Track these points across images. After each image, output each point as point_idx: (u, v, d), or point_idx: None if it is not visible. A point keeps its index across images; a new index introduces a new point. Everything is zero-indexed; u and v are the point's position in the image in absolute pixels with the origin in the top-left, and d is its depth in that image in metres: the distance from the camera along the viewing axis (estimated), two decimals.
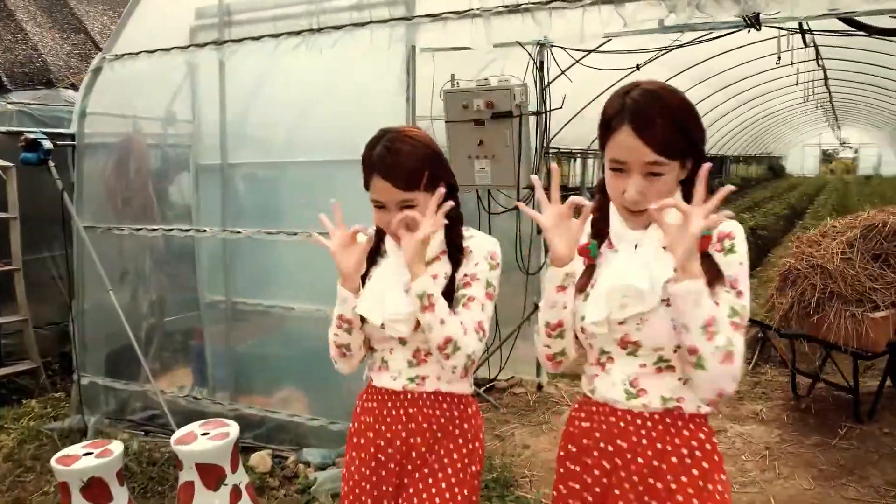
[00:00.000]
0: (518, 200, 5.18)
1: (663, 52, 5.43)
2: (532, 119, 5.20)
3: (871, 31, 4.39)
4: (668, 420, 1.70)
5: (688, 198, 1.60)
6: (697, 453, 1.69)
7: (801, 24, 5.26)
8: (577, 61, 5.31)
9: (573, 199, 1.70)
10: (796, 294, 4.67)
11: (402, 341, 2.01)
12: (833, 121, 24.31)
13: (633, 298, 1.66)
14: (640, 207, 1.64)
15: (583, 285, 1.77)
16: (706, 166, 1.56)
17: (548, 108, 5.27)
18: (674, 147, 1.60)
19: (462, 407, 2.06)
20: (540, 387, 5.52)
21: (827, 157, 39.44)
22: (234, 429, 3.59)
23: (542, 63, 5.24)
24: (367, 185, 1.93)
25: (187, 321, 4.83)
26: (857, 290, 4.41)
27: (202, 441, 3.46)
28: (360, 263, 1.97)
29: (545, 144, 5.28)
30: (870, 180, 31.55)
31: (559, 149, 7.11)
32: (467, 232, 2.03)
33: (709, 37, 5.17)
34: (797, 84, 14.09)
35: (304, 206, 4.01)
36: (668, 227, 1.55)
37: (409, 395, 2.03)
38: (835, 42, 9.88)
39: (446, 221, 1.92)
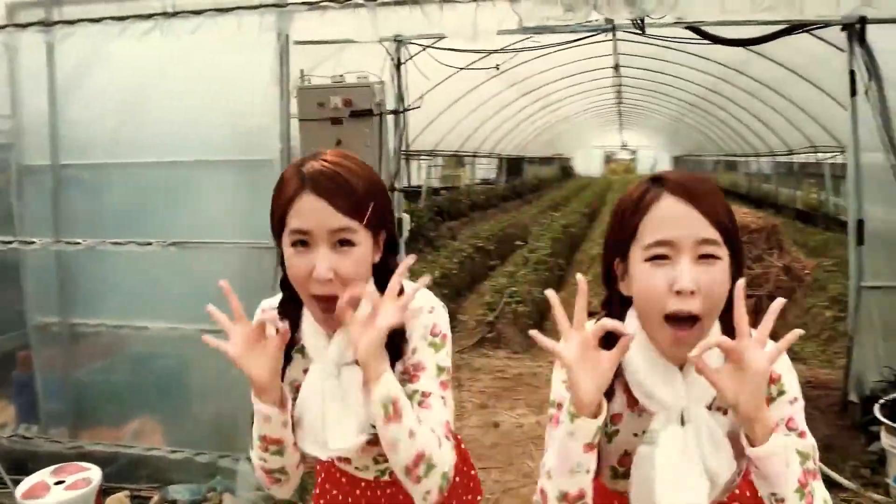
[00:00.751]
0: None
1: (517, 52, 5.44)
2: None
3: (716, 40, 4.63)
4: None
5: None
6: None
7: (613, 31, 5.44)
8: (424, 48, 5.17)
9: (605, 323, 1.26)
10: None
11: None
12: (620, 124, 26.30)
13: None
14: (692, 307, 1.25)
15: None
16: (741, 282, 1.26)
17: (406, 107, 5.11)
18: (726, 226, 1.28)
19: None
20: None
21: (609, 158, 42.51)
22: (94, 473, 3.13)
23: (398, 60, 5.07)
24: (281, 216, 1.41)
25: (7, 346, 4.14)
26: None
27: (57, 492, 2.96)
28: (276, 365, 1.40)
29: (405, 145, 5.13)
30: None
31: (420, 151, 6.94)
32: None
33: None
34: (610, 87, 15.06)
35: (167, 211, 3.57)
36: (719, 377, 1.23)
37: (382, 482, 1.68)
38: (628, 50, 10.65)
39: (416, 309, 1.44)
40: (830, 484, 3.80)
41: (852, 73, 4.49)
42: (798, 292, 4.90)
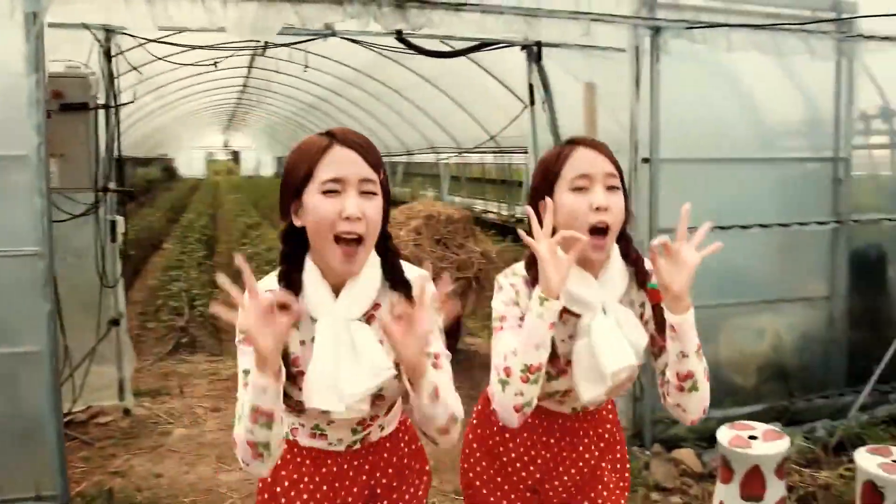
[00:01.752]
0: (95, 204, 4.57)
1: (236, 54, 5.36)
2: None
3: (421, 51, 5.13)
4: (600, 409, 1.99)
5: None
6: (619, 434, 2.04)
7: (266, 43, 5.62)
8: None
9: (565, 233, 1.67)
10: None
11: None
12: (229, 124, 26.17)
13: (629, 371, 1.78)
14: (606, 219, 1.72)
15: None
16: (687, 206, 1.70)
17: (118, 102, 4.75)
18: (620, 169, 1.78)
19: (410, 429, 1.89)
20: (127, 411, 4.95)
21: (211, 159, 41.64)
22: None
23: (109, 51, 4.67)
24: (308, 170, 1.54)
25: None
26: (431, 270, 5.18)
27: None
28: (282, 339, 1.46)
29: (115, 143, 4.74)
30: (252, 179, 34.66)
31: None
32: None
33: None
34: (235, 87, 14.91)
35: None
36: (660, 266, 1.67)
37: (350, 453, 1.76)
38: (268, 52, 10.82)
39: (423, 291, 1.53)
40: None
41: (531, 87, 5.39)
42: (492, 274, 5.69)
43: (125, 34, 4.62)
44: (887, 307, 5.13)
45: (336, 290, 1.61)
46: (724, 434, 3.53)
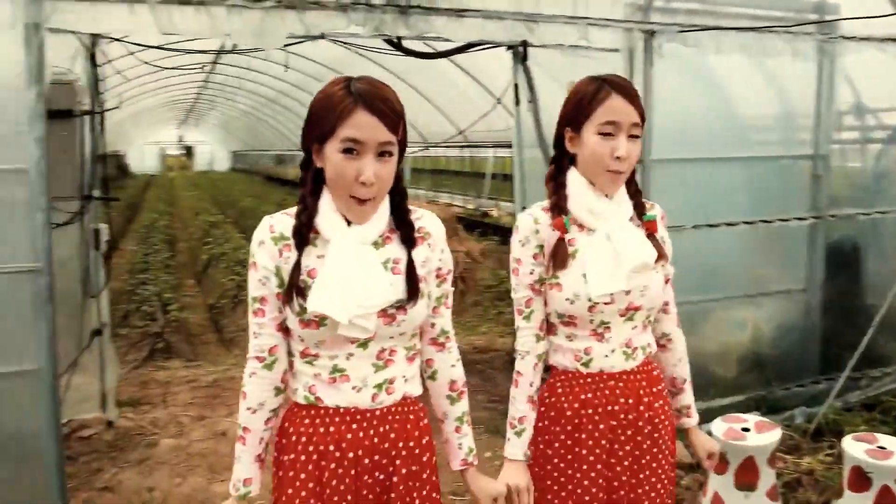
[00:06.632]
0: (80, 212, 4.48)
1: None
2: None
3: (409, 52, 5.11)
4: (648, 367, 2.02)
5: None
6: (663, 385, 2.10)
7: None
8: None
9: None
10: None
11: (364, 344, 1.68)
12: (185, 119, 25.72)
13: (646, 270, 1.92)
14: (625, 167, 1.89)
15: (563, 259, 1.91)
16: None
17: (103, 108, 4.65)
18: (643, 117, 1.92)
19: (423, 413, 1.82)
20: (111, 423, 4.83)
21: (165, 154, 40.77)
22: None
23: (94, 56, 4.56)
24: (333, 126, 1.59)
25: None
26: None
27: None
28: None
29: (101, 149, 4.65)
30: (207, 174, 34.15)
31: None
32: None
33: None
34: (196, 83, 14.63)
35: None
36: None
37: (377, 412, 1.71)
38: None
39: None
40: None
41: (516, 87, 5.41)
42: (477, 273, 5.73)
43: (113, 39, 4.52)
44: (861, 297, 5.28)
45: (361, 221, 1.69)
46: (719, 427, 3.60)
